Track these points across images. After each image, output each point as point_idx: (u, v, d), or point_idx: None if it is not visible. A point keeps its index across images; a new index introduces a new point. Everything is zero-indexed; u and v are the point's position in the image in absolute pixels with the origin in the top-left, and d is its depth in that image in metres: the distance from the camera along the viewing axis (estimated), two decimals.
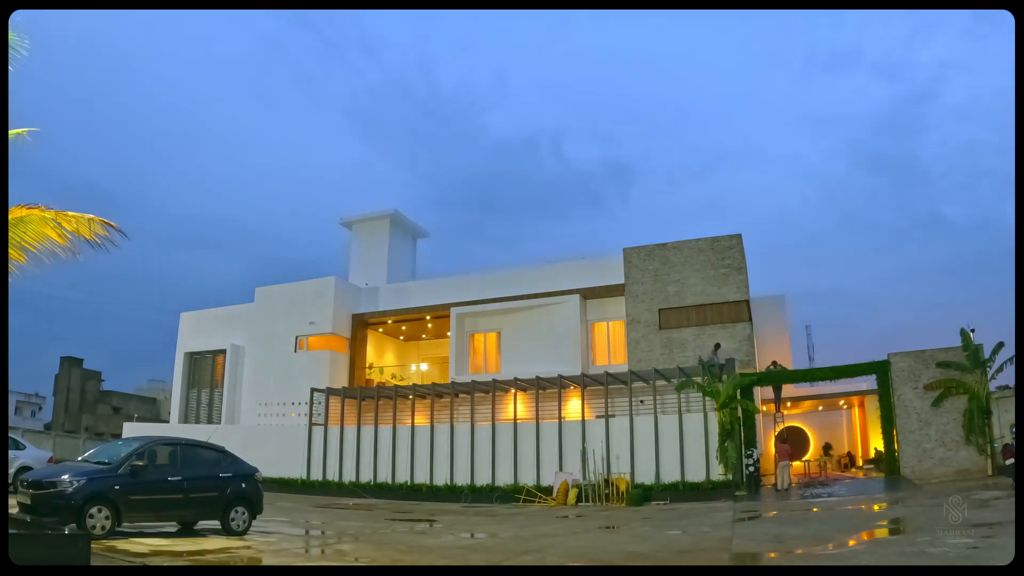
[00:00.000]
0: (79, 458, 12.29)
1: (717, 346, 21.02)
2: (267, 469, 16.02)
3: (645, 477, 19.01)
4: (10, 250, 5.98)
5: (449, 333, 26.46)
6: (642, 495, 17.82)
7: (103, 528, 9.44)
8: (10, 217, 6.07)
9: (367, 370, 27.73)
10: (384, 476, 22.00)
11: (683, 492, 18.12)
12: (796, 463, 27.56)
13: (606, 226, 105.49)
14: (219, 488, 11.22)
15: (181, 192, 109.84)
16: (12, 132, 6.33)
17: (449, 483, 21.03)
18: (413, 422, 22.56)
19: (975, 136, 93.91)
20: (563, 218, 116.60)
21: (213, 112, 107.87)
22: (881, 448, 20.94)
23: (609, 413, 20.44)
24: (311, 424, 23.73)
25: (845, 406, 29.25)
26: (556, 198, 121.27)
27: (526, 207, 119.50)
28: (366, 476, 22.23)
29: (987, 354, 17.80)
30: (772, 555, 9.30)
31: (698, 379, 19.17)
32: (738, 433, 18.73)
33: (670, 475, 18.84)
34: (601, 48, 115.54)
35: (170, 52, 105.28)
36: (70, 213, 6.29)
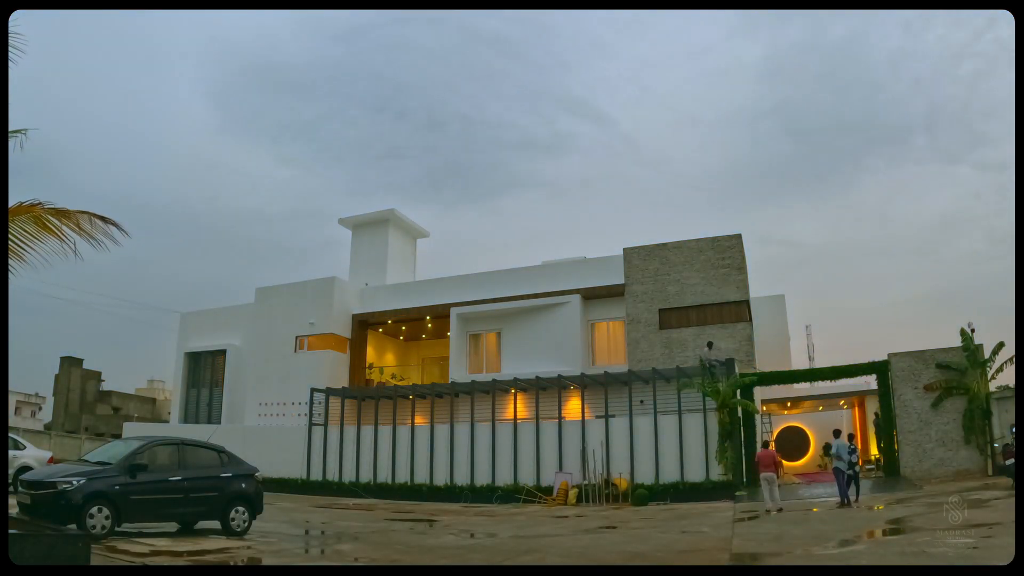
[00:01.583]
0: (79, 458, 12.30)
1: (710, 344, 21.01)
2: (267, 469, 16.05)
3: (645, 477, 19.00)
4: (10, 249, 5.95)
5: (449, 333, 26.45)
6: (642, 495, 17.83)
7: (103, 528, 9.42)
8: (10, 216, 6.04)
9: (367, 370, 27.72)
10: (384, 476, 21.99)
11: (683, 492, 18.10)
12: (796, 463, 27.56)
13: None
14: (219, 488, 11.22)
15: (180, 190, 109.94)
16: (12, 131, 6.31)
17: (449, 483, 21.01)
18: (413, 422, 22.56)
19: None
20: None
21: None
22: (875, 449, 20.94)
23: (609, 413, 20.42)
24: (311, 424, 23.72)
25: (845, 406, 29.23)
26: None
27: None
28: (366, 476, 22.22)
29: (987, 354, 17.81)
30: (772, 555, 9.29)
31: (698, 379, 19.16)
32: (738, 433, 18.73)
33: (670, 475, 18.83)
34: None
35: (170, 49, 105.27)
36: (70, 210, 6.25)
